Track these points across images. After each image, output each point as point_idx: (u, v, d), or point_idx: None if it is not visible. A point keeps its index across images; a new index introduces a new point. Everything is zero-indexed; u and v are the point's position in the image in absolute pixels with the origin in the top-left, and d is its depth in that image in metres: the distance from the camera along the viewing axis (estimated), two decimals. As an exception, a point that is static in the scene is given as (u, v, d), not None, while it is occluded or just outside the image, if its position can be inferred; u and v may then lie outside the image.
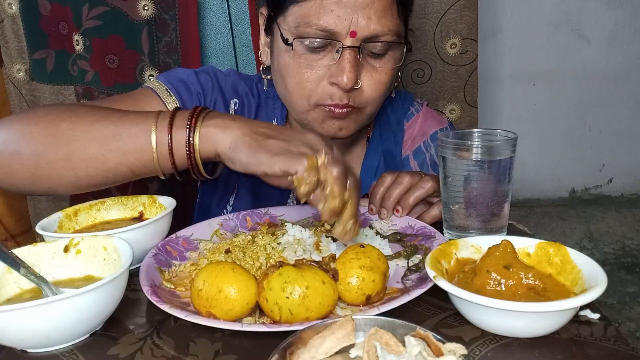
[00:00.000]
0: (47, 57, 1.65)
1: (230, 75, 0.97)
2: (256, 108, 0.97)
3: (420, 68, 1.70)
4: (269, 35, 0.89)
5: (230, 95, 0.95)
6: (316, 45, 0.79)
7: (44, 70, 1.66)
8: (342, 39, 0.78)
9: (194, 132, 0.68)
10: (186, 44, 1.55)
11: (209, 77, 0.94)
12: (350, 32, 0.78)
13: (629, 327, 1.98)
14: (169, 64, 1.56)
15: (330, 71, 0.81)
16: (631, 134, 2.78)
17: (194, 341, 0.54)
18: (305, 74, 0.82)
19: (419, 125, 1.03)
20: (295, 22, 0.80)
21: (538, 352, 0.50)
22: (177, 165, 0.70)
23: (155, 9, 1.51)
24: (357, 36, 0.78)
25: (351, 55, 0.79)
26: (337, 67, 0.79)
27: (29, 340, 0.53)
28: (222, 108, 0.93)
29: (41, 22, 1.61)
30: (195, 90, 0.91)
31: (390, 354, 0.40)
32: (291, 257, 0.68)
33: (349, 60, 0.78)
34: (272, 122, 0.97)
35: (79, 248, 0.66)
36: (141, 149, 0.69)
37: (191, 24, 1.54)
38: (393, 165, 1.01)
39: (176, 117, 0.70)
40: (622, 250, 2.50)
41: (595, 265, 0.54)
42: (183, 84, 0.90)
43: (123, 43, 1.56)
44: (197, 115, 0.69)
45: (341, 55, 0.79)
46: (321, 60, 0.81)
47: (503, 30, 2.60)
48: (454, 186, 0.72)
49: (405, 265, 0.67)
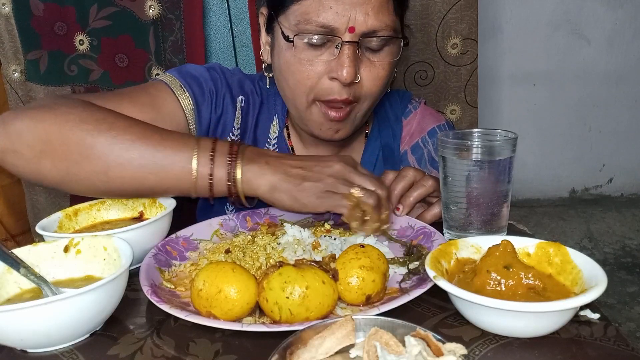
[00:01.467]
0: (40, 57, 1.65)
1: (236, 73, 1.00)
2: (259, 105, 0.99)
3: (423, 69, 1.70)
4: (270, 34, 0.91)
5: (237, 92, 0.97)
6: (316, 42, 0.81)
7: (38, 71, 1.67)
8: (341, 34, 0.80)
9: (235, 172, 0.74)
10: (191, 43, 1.57)
11: (217, 74, 0.96)
12: (349, 28, 0.79)
13: (629, 327, 1.98)
14: (174, 64, 1.58)
15: (330, 67, 0.82)
16: (631, 134, 2.78)
17: (194, 341, 0.54)
18: (306, 70, 0.83)
19: (416, 122, 1.04)
20: (296, 20, 0.81)
21: (538, 352, 0.50)
22: (216, 195, 0.76)
23: (161, 8, 1.53)
24: (355, 31, 0.80)
25: (350, 50, 0.80)
26: (337, 62, 0.81)
27: (29, 340, 0.53)
28: (229, 104, 0.95)
29: (33, 22, 1.61)
30: (207, 87, 0.93)
31: (390, 354, 0.40)
32: (291, 257, 0.68)
33: (348, 55, 0.80)
34: (274, 118, 0.99)
35: (79, 248, 0.66)
36: (180, 178, 0.74)
37: (196, 24, 1.56)
38: (391, 159, 1.02)
39: (216, 152, 0.75)
40: (622, 250, 2.50)
41: (595, 265, 0.54)
42: (195, 80, 0.92)
43: (132, 42, 1.59)
44: (237, 155, 0.75)
45: (340, 50, 0.80)
46: (321, 57, 0.82)
47: (503, 30, 2.60)
48: (454, 186, 0.72)
49: (401, 274, 0.67)
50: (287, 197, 0.73)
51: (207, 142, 0.76)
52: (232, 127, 0.96)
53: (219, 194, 0.76)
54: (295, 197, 0.73)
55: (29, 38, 1.63)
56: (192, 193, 0.76)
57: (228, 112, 0.95)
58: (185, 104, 0.90)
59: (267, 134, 0.99)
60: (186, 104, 0.90)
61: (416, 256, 0.68)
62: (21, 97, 1.70)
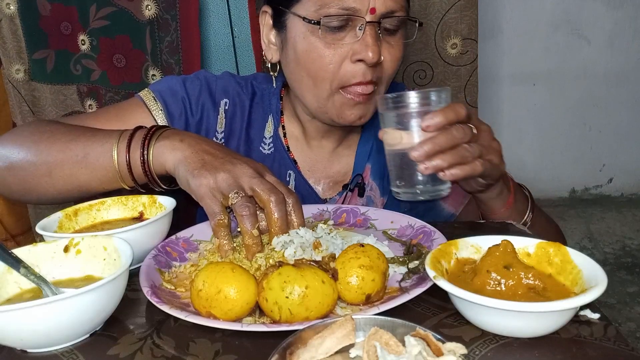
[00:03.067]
0: (47, 57, 1.66)
1: (223, 77, 1.01)
2: (250, 105, 0.99)
3: (422, 69, 1.70)
4: (280, 30, 0.90)
5: (221, 96, 0.98)
6: (337, 25, 0.82)
7: (44, 70, 1.67)
8: (364, 15, 0.81)
9: (148, 152, 0.77)
10: (187, 44, 1.56)
11: (198, 81, 0.98)
12: (370, 9, 0.81)
13: (629, 327, 1.97)
14: (170, 64, 1.57)
15: (352, 49, 0.83)
16: (631, 134, 2.78)
17: (194, 341, 0.54)
18: (328, 55, 0.84)
19: None
20: (316, 6, 0.82)
21: (538, 352, 0.50)
22: (138, 180, 0.80)
23: (157, 9, 1.52)
24: (376, 12, 0.81)
25: (373, 30, 0.82)
26: (361, 43, 0.82)
27: (29, 340, 0.53)
28: (210, 110, 0.97)
29: (41, 23, 1.62)
30: (180, 96, 0.96)
31: (390, 354, 0.40)
32: (291, 257, 0.68)
33: (372, 35, 0.81)
34: (268, 117, 1.00)
35: (79, 248, 0.66)
36: (106, 167, 0.80)
37: (192, 24, 1.55)
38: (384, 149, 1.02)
39: (134, 137, 0.79)
40: (622, 250, 2.49)
41: (595, 265, 0.54)
42: (169, 90, 0.96)
43: (130, 43, 1.59)
44: (152, 135, 0.78)
45: (364, 31, 0.81)
46: (343, 40, 0.83)
47: (503, 30, 2.60)
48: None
49: (401, 273, 0.67)
50: (183, 176, 0.73)
51: (128, 131, 0.80)
52: (215, 130, 0.97)
53: (140, 178, 0.79)
54: (188, 180, 0.72)
55: (36, 38, 1.64)
56: (121, 182, 0.80)
57: (210, 117, 0.97)
58: (157, 113, 0.93)
59: (262, 133, 0.99)
60: (158, 113, 0.93)
61: (416, 255, 0.68)
62: (24, 97, 1.70)
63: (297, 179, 0.98)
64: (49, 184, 0.83)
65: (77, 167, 0.81)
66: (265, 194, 0.70)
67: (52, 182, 0.82)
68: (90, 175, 0.81)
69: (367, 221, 0.84)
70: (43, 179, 0.83)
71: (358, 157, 1.01)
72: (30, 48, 1.64)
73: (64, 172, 0.81)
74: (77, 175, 0.81)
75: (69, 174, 0.81)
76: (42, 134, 0.85)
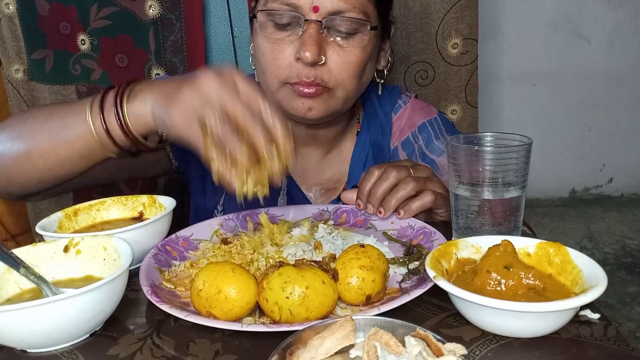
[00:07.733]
0: (45, 57, 1.66)
1: None
2: None
3: (423, 69, 1.69)
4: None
5: None
6: (282, 22, 0.82)
7: (43, 70, 1.67)
8: (305, 13, 0.81)
9: (122, 109, 0.71)
10: (191, 43, 1.57)
11: None
12: (313, 7, 0.80)
13: (629, 327, 1.97)
14: (175, 63, 1.58)
15: (295, 47, 0.83)
16: (631, 134, 2.78)
17: (194, 341, 0.54)
18: (274, 51, 0.84)
19: (406, 117, 1.04)
20: (263, 2, 0.83)
21: (538, 352, 0.50)
22: (120, 144, 0.73)
23: (161, 8, 1.53)
24: (319, 11, 0.80)
25: (313, 29, 0.81)
26: (300, 42, 0.82)
27: (29, 340, 0.53)
28: None
29: (40, 23, 1.62)
30: None
31: (390, 354, 0.40)
32: (291, 257, 0.68)
33: (310, 34, 0.80)
34: None
35: (79, 248, 0.66)
36: (84, 136, 0.73)
37: (196, 24, 1.56)
38: (381, 156, 1.02)
39: (106, 98, 0.73)
40: (622, 250, 2.49)
41: (596, 265, 0.54)
42: None
43: (132, 42, 1.60)
44: (122, 93, 0.72)
45: (304, 29, 0.81)
46: (288, 37, 0.83)
47: (503, 30, 2.60)
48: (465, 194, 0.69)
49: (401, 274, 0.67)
50: (159, 119, 0.68)
51: (99, 95, 0.74)
52: None
53: (121, 141, 0.73)
54: (164, 120, 0.67)
55: (35, 38, 1.63)
56: (104, 150, 0.74)
57: None
58: None
59: None
60: None
61: (416, 256, 0.68)
62: (24, 97, 1.70)
63: (289, 185, 0.98)
64: (28, 165, 0.77)
65: (55, 141, 0.75)
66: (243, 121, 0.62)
67: (32, 162, 0.77)
68: (70, 148, 0.75)
69: (368, 221, 0.84)
70: (22, 160, 0.77)
71: (353, 164, 1.00)
72: (29, 48, 1.65)
73: (42, 148, 0.76)
74: (56, 150, 0.76)
75: (48, 150, 0.76)
76: (22, 116, 0.82)
